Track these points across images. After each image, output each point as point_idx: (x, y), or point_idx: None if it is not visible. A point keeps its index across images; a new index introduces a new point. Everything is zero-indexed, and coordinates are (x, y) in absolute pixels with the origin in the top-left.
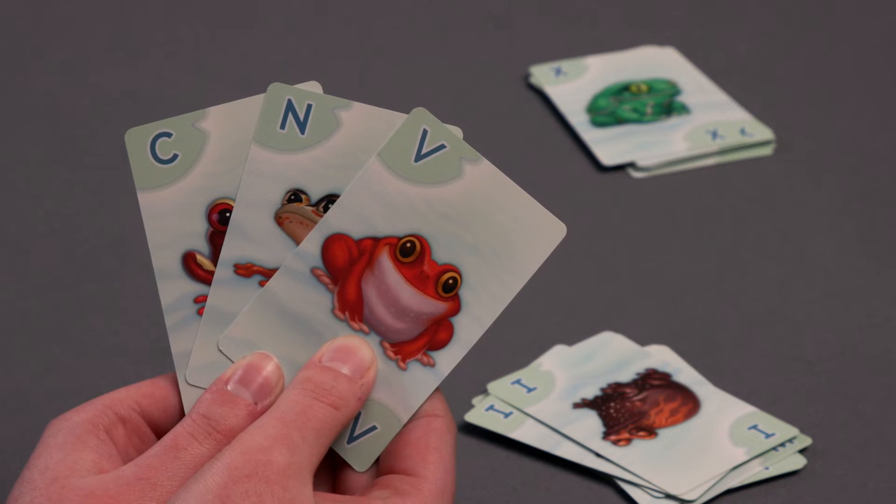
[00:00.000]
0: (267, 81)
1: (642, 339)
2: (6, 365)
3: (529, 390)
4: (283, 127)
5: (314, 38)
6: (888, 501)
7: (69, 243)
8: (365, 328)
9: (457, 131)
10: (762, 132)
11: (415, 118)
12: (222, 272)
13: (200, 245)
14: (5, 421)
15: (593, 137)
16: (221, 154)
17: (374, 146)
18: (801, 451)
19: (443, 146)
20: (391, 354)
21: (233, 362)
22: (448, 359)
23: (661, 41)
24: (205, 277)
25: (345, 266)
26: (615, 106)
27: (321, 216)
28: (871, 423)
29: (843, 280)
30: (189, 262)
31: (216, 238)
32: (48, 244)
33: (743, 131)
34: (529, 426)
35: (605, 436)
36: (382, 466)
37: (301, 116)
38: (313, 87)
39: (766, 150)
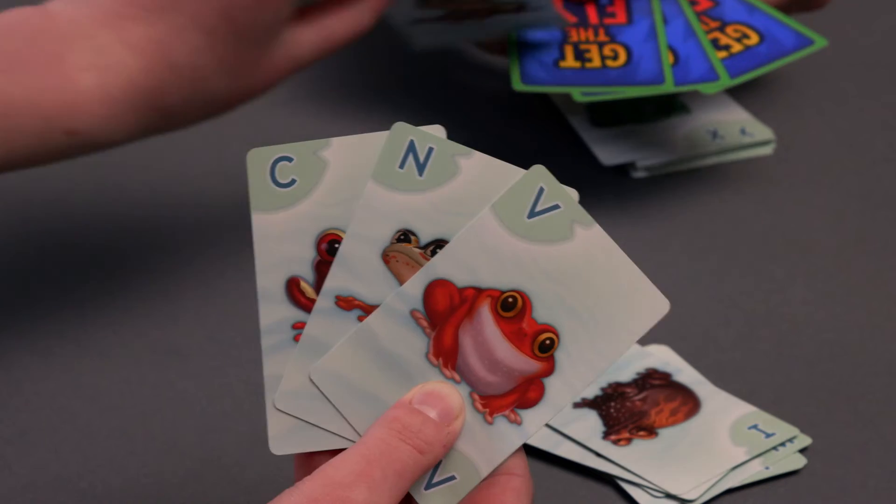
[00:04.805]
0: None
1: (642, 339)
2: (6, 365)
3: None
4: (402, 166)
5: None
6: (888, 501)
7: (69, 243)
8: (456, 377)
9: (573, 193)
10: (762, 132)
11: (533, 175)
12: (323, 302)
13: (306, 272)
14: (5, 421)
15: (593, 137)
16: (338, 185)
17: (489, 197)
18: (801, 451)
19: (556, 206)
20: (479, 407)
21: (322, 393)
22: (535, 419)
23: None
24: (306, 304)
25: (445, 312)
26: (615, 106)
27: (428, 259)
28: (871, 423)
29: (843, 280)
30: (292, 288)
31: (322, 267)
32: (49, 244)
33: (743, 131)
34: None
35: (606, 435)
36: None
37: (421, 158)
38: (437, 130)
39: (766, 150)
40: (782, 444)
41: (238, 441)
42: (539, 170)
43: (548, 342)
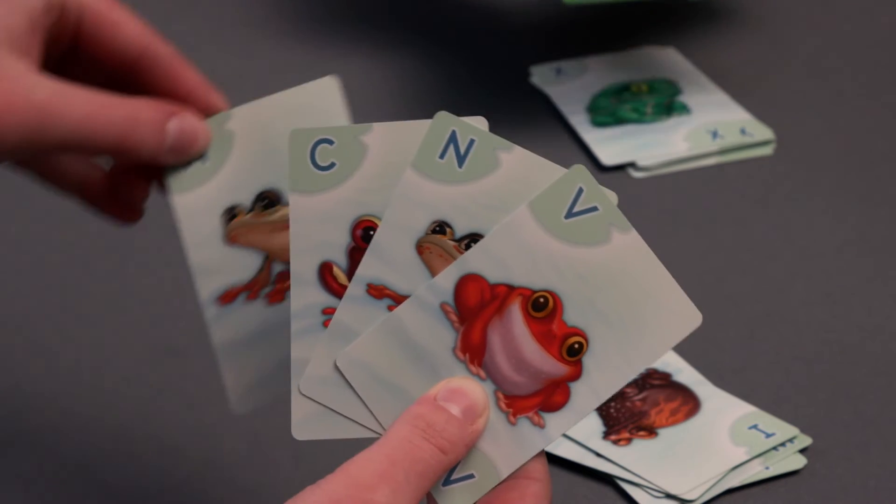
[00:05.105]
0: (268, 81)
1: None
2: (6, 365)
3: None
4: (442, 157)
5: (315, 37)
6: (888, 501)
7: (69, 243)
8: (482, 374)
9: (612, 196)
10: (762, 132)
11: (573, 175)
12: (354, 289)
13: (339, 257)
14: (6, 421)
15: (593, 137)
16: (377, 171)
17: (527, 194)
18: (801, 451)
19: (595, 208)
20: (503, 406)
21: (346, 380)
22: (559, 423)
23: (661, 41)
24: (337, 290)
25: (475, 307)
26: (615, 106)
27: (462, 253)
28: (871, 423)
29: (843, 280)
30: (325, 273)
31: (356, 254)
32: (48, 244)
33: (743, 131)
34: None
35: (606, 435)
36: None
37: (462, 150)
38: (479, 122)
39: (766, 150)
40: (782, 444)
41: (238, 441)
42: (579, 169)
43: (576, 346)
